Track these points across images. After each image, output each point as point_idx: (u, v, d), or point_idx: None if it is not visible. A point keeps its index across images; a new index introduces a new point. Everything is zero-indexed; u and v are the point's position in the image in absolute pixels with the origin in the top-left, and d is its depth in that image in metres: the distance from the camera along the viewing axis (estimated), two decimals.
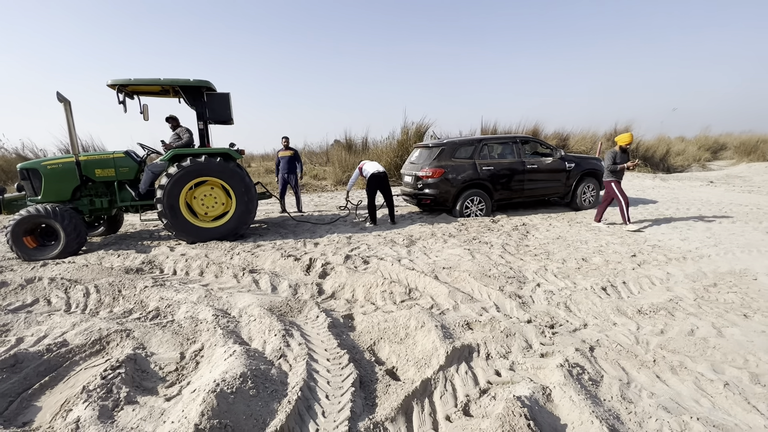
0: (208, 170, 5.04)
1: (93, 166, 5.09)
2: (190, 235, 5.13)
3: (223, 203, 5.30)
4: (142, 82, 4.89)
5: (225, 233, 5.23)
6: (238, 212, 5.25)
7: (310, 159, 16.63)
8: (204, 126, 5.35)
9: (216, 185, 5.24)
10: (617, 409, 1.79)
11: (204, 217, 5.28)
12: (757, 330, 2.52)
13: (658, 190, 9.72)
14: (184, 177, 4.96)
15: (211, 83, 5.17)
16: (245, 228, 5.38)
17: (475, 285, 3.34)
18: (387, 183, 6.18)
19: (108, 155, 5.20)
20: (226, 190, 5.24)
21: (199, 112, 5.27)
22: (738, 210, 6.70)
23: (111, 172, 5.16)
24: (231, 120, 5.55)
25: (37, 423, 1.76)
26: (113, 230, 6.13)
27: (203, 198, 5.23)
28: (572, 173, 7.08)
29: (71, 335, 2.47)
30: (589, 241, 4.86)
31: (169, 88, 5.19)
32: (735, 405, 1.82)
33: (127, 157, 5.26)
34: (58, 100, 4.61)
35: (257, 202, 5.45)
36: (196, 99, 5.20)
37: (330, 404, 1.83)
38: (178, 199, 4.98)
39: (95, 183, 5.24)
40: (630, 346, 2.35)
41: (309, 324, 2.70)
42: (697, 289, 3.21)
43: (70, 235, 4.58)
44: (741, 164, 16.46)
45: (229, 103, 5.40)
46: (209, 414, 1.59)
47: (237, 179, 5.17)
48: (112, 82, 4.81)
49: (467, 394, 1.90)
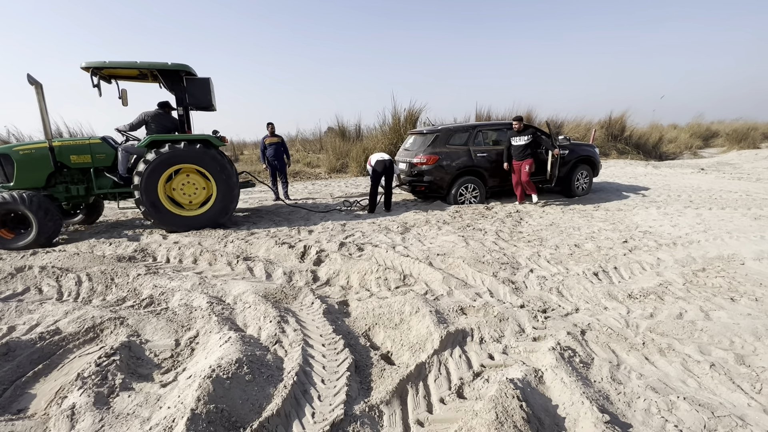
0: (187, 157, 4.90)
1: (68, 152, 4.92)
2: (171, 223, 5.02)
3: (204, 187, 5.17)
4: (118, 65, 4.72)
5: (206, 221, 5.12)
6: (219, 200, 5.13)
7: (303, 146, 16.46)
8: (185, 112, 5.17)
9: (192, 172, 5.10)
10: (607, 390, 1.84)
11: (189, 206, 5.16)
12: (743, 313, 2.58)
13: (650, 177, 9.81)
14: (162, 163, 4.81)
15: (190, 67, 4.98)
16: (226, 217, 5.27)
17: (469, 271, 3.37)
18: (392, 170, 6.20)
19: (84, 141, 5.02)
20: (206, 176, 5.11)
21: (179, 97, 5.09)
22: (727, 197, 6.79)
23: (87, 159, 4.99)
24: (212, 106, 5.36)
25: (32, 410, 1.76)
26: (93, 218, 5.97)
27: (182, 186, 5.09)
28: (566, 160, 7.09)
29: (64, 323, 2.45)
30: (581, 228, 4.90)
31: (147, 72, 4.99)
32: (720, 385, 1.87)
33: (104, 143, 5.09)
34: (29, 82, 4.40)
35: (239, 189, 5.31)
36: (175, 84, 5.01)
37: (326, 388, 1.85)
38: (156, 186, 4.85)
39: (71, 169, 5.05)
40: (620, 329, 2.40)
41: (304, 310, 2.71)
42: (686, 274, 3.27)
43: (42, 223, 4.43)
44: (731, 152, 16.62)
45: (210, 89, 5.20)
46: (205, 399, 1.60)
47: (216, 166, 5.03)
48: (86, 64, 4.63)
49: (461, 377, 1.93)
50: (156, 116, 5.19)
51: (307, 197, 8.17)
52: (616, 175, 10.32)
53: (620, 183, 8.94)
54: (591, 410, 1.61)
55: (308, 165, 13.56)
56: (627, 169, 11.91)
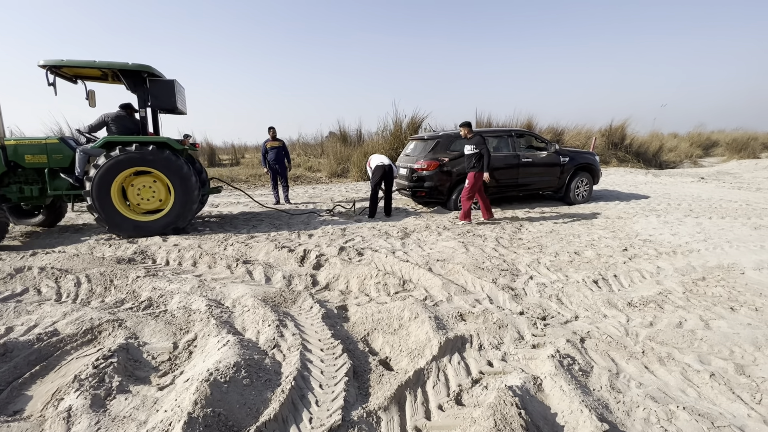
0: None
1: (22, 151, 4.77)
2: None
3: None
4: (76, 63, 4.60)
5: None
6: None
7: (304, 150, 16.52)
8: (148, 114, 5.10)
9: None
10: (606, 398, 1.83)
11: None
12: (743, 323, 2.57)
13: (650, 186, 9.83)
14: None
15: (153, 68, 4.82)
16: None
17: (469, 277, 3.36)
18: (392, 175, 6.19)
19: (40, 140, 4.88)
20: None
21: (141, 98, 4.98)
22: (727, 206, 6.80)
23: (43, 159, 4.83)
24: (176, 108, 5.21)
25: (28, 411, 1.75)
26: (54, 220, 5.77)
27: (140, 189, 4.95)
28: (566, 167, 7.11)
29: (62, 325, 2.44)
30: (581, 235, 4.90)
31: (109, 72, 4.90)
32: (720, 395, 1.86)
33: (61, 143, 4.92)
34: None
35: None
36: (137, 85, 4.89)
37: (323, 393, 1.84)
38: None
39: (25, 170, 4.90)
40: (620, 337, 2.39)
41: (303, 315, 2.70)
42: (686, 283, 3.26)
43: None
44: (731, 161, 16.67)
45: (174, 91, 5.04)
46: (202, 403, 1.59)
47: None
48: (44, 62, 4.54)
49: (459, 384, 1.92)
50: (117, 118, 5.05)
51: (308, 201, 8.18)
52: (617, 183, 10.34)
53: (620, 191, 8.96)
54: (590, 419, 1.60)
55: (309, 169, 13.59)
56: (627, 177, 11.93)
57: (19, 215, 5.57)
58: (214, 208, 7.41)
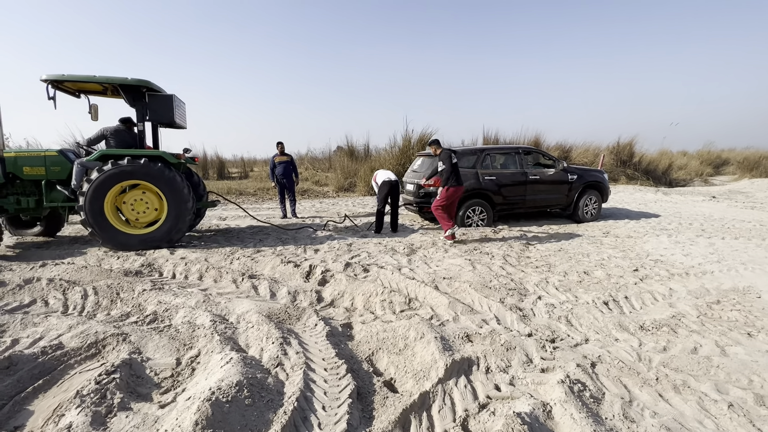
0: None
1: (21, 163, 4.86)
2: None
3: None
4: (76, 78, 4.71)
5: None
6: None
7: (312, 165, 16.68)
8: (147, 128, 5.18)
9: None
10: (619, 428, 1.76)
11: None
12: (762, 350, 2.48)
13: (660, 204, 9.70)
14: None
15: (152, 83, 4.93)
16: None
17: (476, 296, 3.31)
18: (398, 191, 6.21)
19: (39, 153, 4.98)
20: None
21: (140, 112, 5.05)
22: (741, 226, 6.66)
23: (41, 171, 4.90)
24: (174, 122, 5.29)
25: (28, 427, 1.74)
26: (53, 231, 5.82)
27: (133, 203, 4.97)
28: (574, 185, 7.07)
29: (67, 338, 2.44)
30: (590, 254, 4.83)
31: (109, 86, 5.01)
32: (740, 427, 1.78)
33: (60, 156, 5.01)
34: None
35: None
36: (136, 99, 4.98)
37: (326, 416, 1.80)
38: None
39: (23, 181, 4.97)
40: (632, 363, 2.32)
41: (307, 332, 2.67)
42: (700, 306, 3.17)
43: None
44: (743, 180, 16.45)
45: (172, 105, 5.13)
46: (203, 423, 1.56)
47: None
48: (46, 77, 4.66)
49: (466, 409, 1.87)
50: (116, 132, 5.10)
51: (314, 215, 8.21)
52: (626, 201, 10.23)
53: (630, 209, 8.85)
54: None
55: (317, 183, 13.70)
56: (636, 195, 11.81)
57: (17, 226, 5.69)
58: (222, 221, 7.47)
